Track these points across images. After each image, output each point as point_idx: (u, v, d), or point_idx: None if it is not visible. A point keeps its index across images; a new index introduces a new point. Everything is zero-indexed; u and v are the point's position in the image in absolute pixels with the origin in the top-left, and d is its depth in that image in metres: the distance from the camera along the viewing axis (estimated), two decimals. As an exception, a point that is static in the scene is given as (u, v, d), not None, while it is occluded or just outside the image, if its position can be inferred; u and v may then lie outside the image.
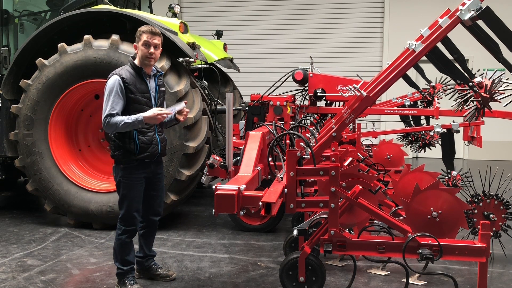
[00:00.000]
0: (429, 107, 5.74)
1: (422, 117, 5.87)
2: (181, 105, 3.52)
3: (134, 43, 3.49)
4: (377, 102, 6.04)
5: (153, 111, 3.32)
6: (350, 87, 3.49)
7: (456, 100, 3.22)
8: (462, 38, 3.59)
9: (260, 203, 2.66)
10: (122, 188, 3.48)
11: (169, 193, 4.97)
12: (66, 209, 5.23)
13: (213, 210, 2.66)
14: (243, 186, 2.70)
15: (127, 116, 3.33)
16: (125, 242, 3.51)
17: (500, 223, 4.03)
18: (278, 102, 5.02)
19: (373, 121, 6.85)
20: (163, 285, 3.69)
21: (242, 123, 5.35)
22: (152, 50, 3.40)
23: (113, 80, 3.36)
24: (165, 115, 3.35)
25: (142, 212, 3.64)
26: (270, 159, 3.46)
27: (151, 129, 3.50)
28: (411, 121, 6.08)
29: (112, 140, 3.49)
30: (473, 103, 3.05)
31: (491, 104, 3.01)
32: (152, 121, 3.34)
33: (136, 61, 3.48)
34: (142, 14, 5.41)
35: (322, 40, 11.61)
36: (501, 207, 4.02)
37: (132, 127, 3.35)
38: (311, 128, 4.10)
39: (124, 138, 3.41)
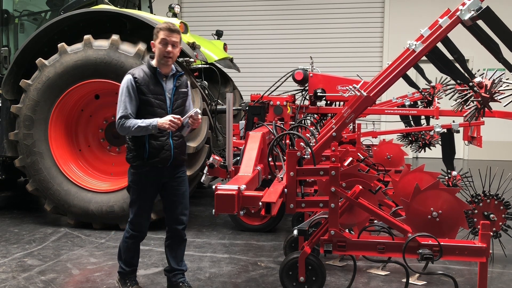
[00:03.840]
0: (429, 107, 5.74)
1: (422, 117, 5.87)
2: (193, 112, 3.22)
3: (152, 41, 3.28)
4: (377, 102, 6.03)
5: (168, 118, 3.13)
6: (350, 87, 3.48)
7: (456, 100, 3.22)
8: (462, 38, 3.58)
9: (260, 203, 2.66)
10: (132, 193, 3.38)
11: (169, 193, 4.96)
12: (66, 209, 5.23)
13: (213, 210, 2.66)
14: (243, 186, 2.70)
15: (142, 120, 3.17)
16: (132, 246, 3.44)
17: (500, 223, 4.03)
18: (278, 102, 5.02)
19: (373, 121, 6.84)
20: (163, 286, 3.69)
21: (242, 123, 5.35)
22: (169, 48, 3.19)
23: (125, 80, 3.22)
24: (174, 125, 3.12)
25: (166, 220, 3.50)
26: (270, 159, 3.45)
27: (164, 134, 3.28)
28: (411, 121, 6.08)
29: (126, 142, 3.38)
30: (473, 103, 3.05)
31: (491, 104, 3.01)
32: (164, 128, 3.14)
33: (153, 61, 3.30)
34: (142, 14, 5.41)
35: (322, 40, 11.61)
36: (501, 207, 4.02)
37: (145, 132, 3.18)
38: (311, 128, 4.10)
39: (136, 141, 3.28)
